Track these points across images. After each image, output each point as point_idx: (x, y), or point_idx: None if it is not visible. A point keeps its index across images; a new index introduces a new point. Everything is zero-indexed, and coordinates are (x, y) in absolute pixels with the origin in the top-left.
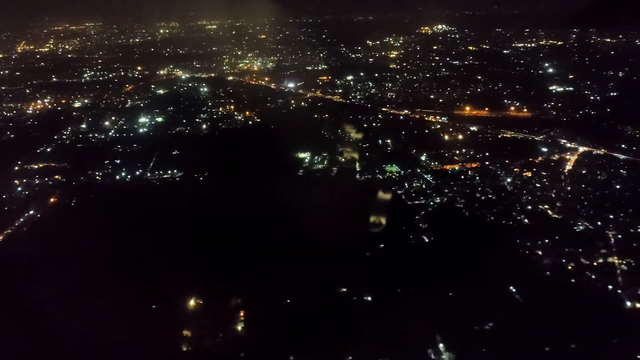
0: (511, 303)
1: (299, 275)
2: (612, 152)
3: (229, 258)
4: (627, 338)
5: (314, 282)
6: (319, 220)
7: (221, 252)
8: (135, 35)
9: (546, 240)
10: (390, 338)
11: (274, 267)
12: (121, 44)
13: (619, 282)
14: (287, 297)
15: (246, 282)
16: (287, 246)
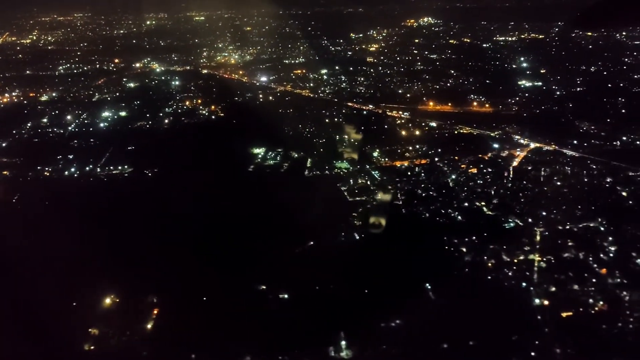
0: (423, 300)
1: (222, 273)
2: (562, 148)
3: (153, 255)
4: (526, 335)
5: (236, 280)
6: (252, 217)
7: (146, 250)
8: (121, 26)
9: (473, 237)
10: (294, 335)
11: (197, 265)
12: (104, 36)
13: (533, 279)
14: (204, 294)
15: (166, 280)
16: (214, 243)
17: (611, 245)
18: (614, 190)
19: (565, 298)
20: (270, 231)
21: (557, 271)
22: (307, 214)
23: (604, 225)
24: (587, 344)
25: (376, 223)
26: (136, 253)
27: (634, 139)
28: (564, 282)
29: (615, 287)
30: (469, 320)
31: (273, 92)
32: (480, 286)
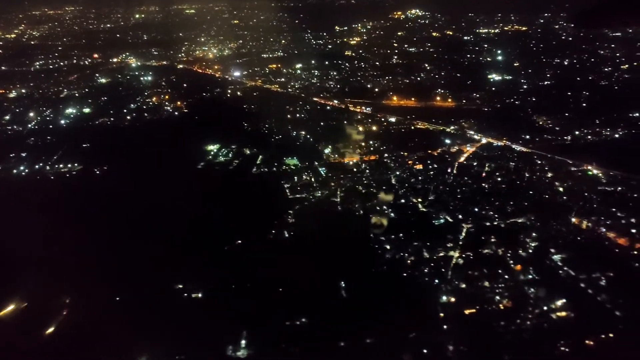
0: (334, 298)
1: (144, 271)
2: (513, 143)
3: (74, 255)
4: (424, 332)
5: (156, 278)
6: (187, 215)
7: (68, 250)
8: (110, 20)
9: (400, 234)
10: (196, 335)
11: (120, 264)
12: (90, 30)
13: (447, 276)
14: (120, 294)
15: (82, 280)
16: (143, 241)
17: (533, 242)
18: (552, 185)
19: (473, 295)
20: (202, 229)
21: (472, 268)
22: (242, 211)
23: (531, 221)
24: (481, 341)
25: (378, 223)
26: (57, 252)
27: (586, 134)
28: (476, 279)
29: (525, 283)
30: (372, 318)
31: (243, 88)
32: (393, 284)
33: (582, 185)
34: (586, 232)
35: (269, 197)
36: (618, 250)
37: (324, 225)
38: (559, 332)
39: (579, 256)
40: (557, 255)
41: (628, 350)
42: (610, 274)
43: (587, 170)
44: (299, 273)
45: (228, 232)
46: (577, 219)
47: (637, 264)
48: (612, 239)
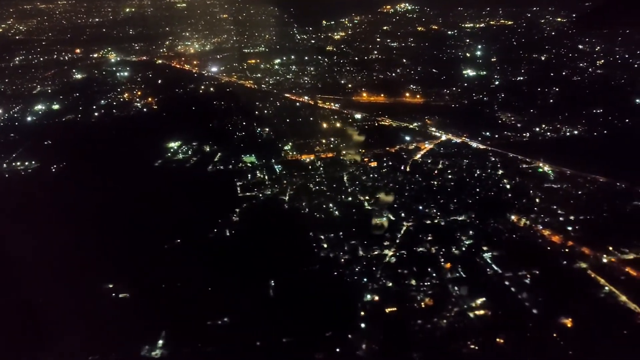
0: (261, 297)
1: (76, 270)
2: (472, 140)
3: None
4: (341, 331)
5: (88, 278)
6: (132, 213)
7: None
8: (99, 14)
9: (340, 232)
10: (115, 335)
11: (56, 262)
12: (78, 24)
13: (376, 274)
14: (48, 293)
15: (12, 277)
16: (83, 239)
17: (468, 240)
18: (500, 183)
19: (397, 293)
20: (146, 227)
21: (403, 266)
22: (189, 210)
23: (471, 218)
24: (394, 340)
25: (378, 224)
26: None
27: (545, 131)
28: (403, 277)
29: (451, 281)
30: (294, 317)
31: (217, 84)
32: (322, 282)
33: (529, 183)
34: (523, 229)
35: (218, 195)
36: (550, 248)
37: (268, 224)
38: (472, 331)
39: (510, 254)
40: (488, 253)
41: (535, 349)
42: (536, 272)
43: (538, 167)
44: (231, 272)
45: (171, 230)
46: (517, 217)
47: (564, 262)
48: (546, 237)
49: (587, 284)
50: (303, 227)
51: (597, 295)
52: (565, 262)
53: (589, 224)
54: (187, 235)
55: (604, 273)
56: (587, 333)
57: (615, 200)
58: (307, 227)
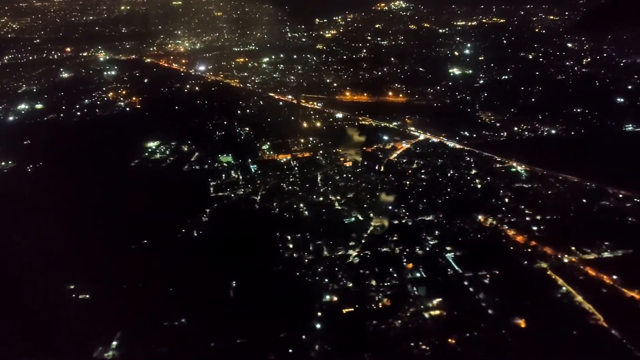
0: (221, 298)
1: (38, 270)
2: (449, 140)
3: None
4: (296, 332)
5: (50, 279)
6: (103, 213)
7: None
8: (94, 12)
9: (307, 233)
10: (68, 337)
11: (21, 262)
12: (72, 22)
13: (338, 275)
14: (4, 294)
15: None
16: (51, 240)
17: (433, 240)
18: (471, 182)
19: (356, 294)
20: (115, 227)
21: (365, 267)
22: (160, 210)
23: (439, 218)
24: (347, 340)
25: (378, 224)
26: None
27: (523, 130)
28: (364, 278)
29: (411, 282)
30: (250, 318)
31: (203, 83)
32: (285, 283)
33: (500, 182)
34: (488, 229)
35: (190, 196)
36: (512, 248)
37: (236, 225)
38: (425, 331)
39: (472, 254)
40: (451, 253)
41: (486, 349)
42: (496, 272)
43: (511, 167)
44: (194, 273)
45: (139, 231)
46: (484, 217)
47: (525, 262)
48: (510, 237)
49: (545, 284)
50: (271, 227)
51: (554, 295)
52: (526, 262)
53: (555, 224)
54: (155, 235)
55: (563, 273)
56: (539, 333)
57: (583, 200)
58: (275, 228)
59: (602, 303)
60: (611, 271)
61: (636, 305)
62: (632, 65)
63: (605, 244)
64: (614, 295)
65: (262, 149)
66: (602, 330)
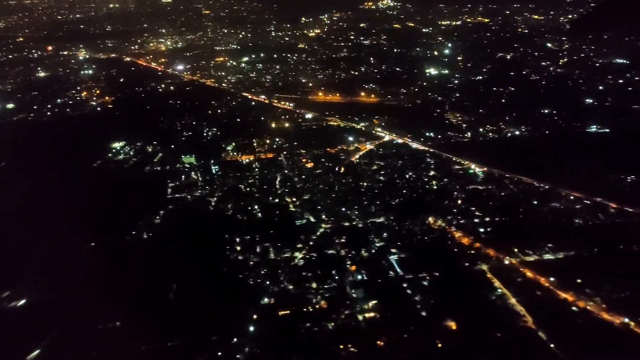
0: (160, 300)
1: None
2: (413, 141)
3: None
4: (227, 334)
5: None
6: (55, 215)
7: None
8: (82, 10)
9: (256, 235)
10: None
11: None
12: (58, 20)
13: (279, 277)
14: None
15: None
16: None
17: (380, 242)
18: (428, 184)
19: (295, 296)
20: (65, 229)
21: (308, 269)
22: (114, 211)
23: (389, 220)
24: (278, 343)
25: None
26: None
27: (488, 131)
28: (305, 280)
29: (351, 284)
30: (185, 321)
31: (178, 82)
32: (226, 286)
33: (456, 184)
34: (436, 231)
35: (147, 197)
36: (457, 250)
37: (187, 226)
38: (356, 334)
39: (416, 256)
40: (395, 255)
41: (412, 351)
42: (436, 274)
43: (469, 168)
44: (137, 275)
45: (89, 232)
46: (434, 219)
47: (467, 264)
48: (456, 239)
49: (481, 286)
50: (222, 229)
51: (489, 297)
52: (468, 264)
53: (502, 225)
54: (104, 237)
55: (501, 275)
56: (467, 335)
57: (534, 202)
58: (225, 230)
59: (534, 305)
60: (549, 273)
61: (568, 307)
62: (608, 65)
63: (548, 245)
64: (548, 297)
65: (226, 149)
66: (529, 332)
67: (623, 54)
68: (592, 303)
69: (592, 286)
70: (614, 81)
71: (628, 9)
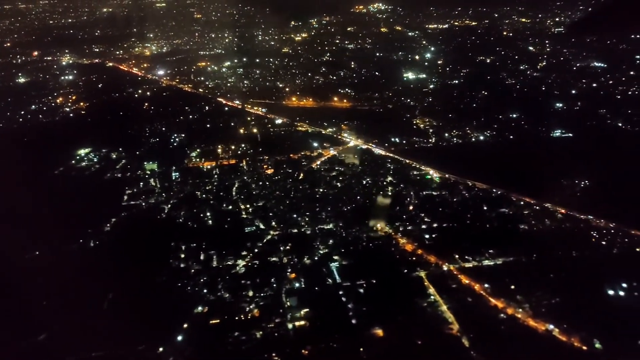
0: (93, 310)
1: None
2: (378, 146)
3: None
4: (156, 343)
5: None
6: (3, 223)
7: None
8: (76, 14)
9: (203, 242)
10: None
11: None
12: (49, 25)
13: (218, 285)
14: None
15: None
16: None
17: (325, 249)
18: (383, 190)
19: (229, 305)
20: (12, 238)
21: (248, 277)
22: (66, 219)
23: (338, 227)
24: (204, 352)
25: (375, 226)
26: None
27: (452, 137)
28: (243, 288)
29: (287, 292)
30: (116, 331)
31: (156, 87)
32: (163, 294)
33: (411, 190)
34: (382, 238)
35: (101, 204)
36: (398, 257)
37: (136, 234)
38: (283, 342)
39: (358, 264)
40: (336, 263)
41: (336, 358)
42: (373, 281)
43: (427, 174)
44: (75, 285)
45: (36, 241)
46: (381, 225)
47: (405, 271)
48: (400, 245)
49: (416, 293)
50: (170, 237)
51: (421, 304)
52: (406, 270)
53: (448, 232)
54: (51, 246)
55: (437, 282)
56: (391, 343)
57: (484, 207)
58: (173, 237)
59: (463, 312)
60: (485, 279)
61: (497, 314)
62: (585, 69)
63: (489, 251)
64: (479, 304)
65: (190, 156)
66: (452, 339)
67: (602, 57)
68: (521, 310)
69: (525, 293)
70: (587, 85)
71: (628, 9)
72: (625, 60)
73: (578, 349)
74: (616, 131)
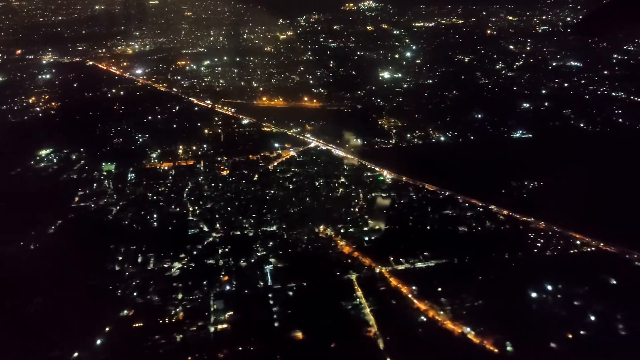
0: (16, 315)
1: None
2: (338, 147)
3: None
4: (72, 350)
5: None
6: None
7: None
8: (67, 11)
9: (143, 245)
10: None
11: None
12: (38, 23)
13: (148, 289)
14: None
15: None
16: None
17: (263, 251)
18: (333, 191)
19: (155, 308)
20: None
21: (181, 279)
22: (12, 221)
23: (281, 229)
24: (127, 355)
25: (375, 228)
26: None
27: (414, 137)
28: (173, 291)
29: (215, 295)
30: (33, 336)
31: (131, 87)
32: (91, 298)
33: (360, 191)
34: (323, 240)
35: (52, 206)
36: (334, 259)
37: (79, 237)
38: (201, 346)
39: (293, 266)
40: (271, 265)
41: None
42: (304, 284)
43: (380, 175)
44: (4, 289)
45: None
46: (324, 227)
47: (338, 273)
48: (339, 247)
49: (343, 296)
50: (111, 239)
51: (345, 307)
52: (339, 273)
53: (388, 234)
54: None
55: (366, 284)
56: (308, 346)
57: (428, 209)
58: (115, 239)
59: (384, 315)
60: (414, 282)
61: (417, 317)
62: (559, 69)
63: (424, 254)
64: (402, 306)
65: (150, 156)
66: (369, 341)
67: (579, 56)
68: (442, 312)
69: (449, 295)
70: (559, 85)
71: (629, 10)
72: (601, 60)
73: (489, 352)
74: (577, 132)
